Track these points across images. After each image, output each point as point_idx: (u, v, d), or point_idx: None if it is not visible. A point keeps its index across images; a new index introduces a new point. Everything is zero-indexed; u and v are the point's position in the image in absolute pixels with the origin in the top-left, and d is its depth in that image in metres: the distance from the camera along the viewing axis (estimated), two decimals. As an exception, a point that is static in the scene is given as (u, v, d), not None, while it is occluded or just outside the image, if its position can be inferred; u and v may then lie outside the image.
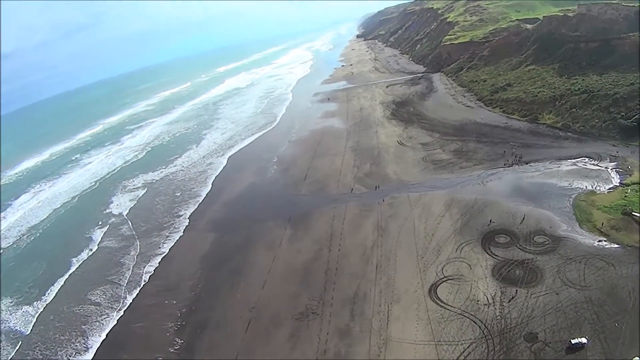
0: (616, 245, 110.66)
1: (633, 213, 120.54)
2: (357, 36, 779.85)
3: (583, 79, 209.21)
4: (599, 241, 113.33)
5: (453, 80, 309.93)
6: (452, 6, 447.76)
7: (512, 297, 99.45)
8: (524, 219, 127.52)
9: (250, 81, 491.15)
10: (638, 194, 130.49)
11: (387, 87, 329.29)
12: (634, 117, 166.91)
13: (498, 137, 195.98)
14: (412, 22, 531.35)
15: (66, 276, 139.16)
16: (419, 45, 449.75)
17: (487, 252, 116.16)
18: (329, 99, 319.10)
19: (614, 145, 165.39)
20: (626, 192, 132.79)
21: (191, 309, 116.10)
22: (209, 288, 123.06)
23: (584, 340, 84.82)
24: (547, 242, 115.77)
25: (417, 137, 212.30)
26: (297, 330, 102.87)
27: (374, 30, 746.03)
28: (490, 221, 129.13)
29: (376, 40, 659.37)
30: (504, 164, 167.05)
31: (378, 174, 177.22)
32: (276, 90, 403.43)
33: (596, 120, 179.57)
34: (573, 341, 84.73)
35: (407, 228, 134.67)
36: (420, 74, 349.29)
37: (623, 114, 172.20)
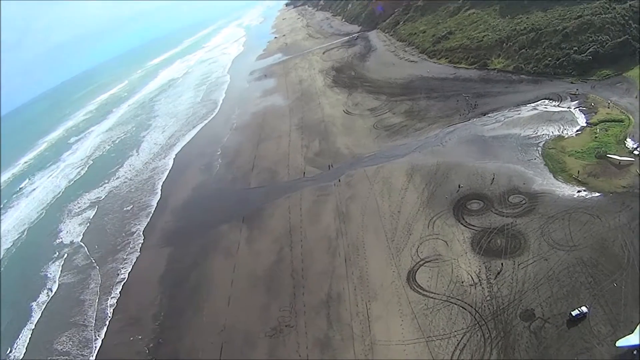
0: (597, 194, 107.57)
1: (608, 155, 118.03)
2: (287, 4, 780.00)
3: (528, 17, 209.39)
4: (579, 192, 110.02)
5: (391, 35, 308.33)
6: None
7: (499, 272, 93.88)
8: (494, 178, 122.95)
9: (185, 69, 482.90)
10: (608, 132, 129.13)
11: (323, 53, 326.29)
12: (588, 51, 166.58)
13: (449, 90, 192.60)
14: None
15: (30, 326, 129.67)
16: (350, 5, 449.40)
17: (461, 223, 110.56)
18: (265, 75, 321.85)
19: (572, 83, 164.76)
20: (595, 133, 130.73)
21: (158, 342, 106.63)
22: (172, 314, 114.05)
23: (584, 309, 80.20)
24: (523, 202, 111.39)
25: (364, 103, 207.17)
26: (273, 349, 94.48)
27: None
28: (459, 186, 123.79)
29: (306, 6, 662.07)
30: (461, 119, 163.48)
31: (329, 150, 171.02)
32: (212, 75, 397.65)
33: (549, 59, 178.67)
34: (573, 313, 79.96)
35: (370, 209, 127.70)
36: (356, 34, 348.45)
37: (576, 48, 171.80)
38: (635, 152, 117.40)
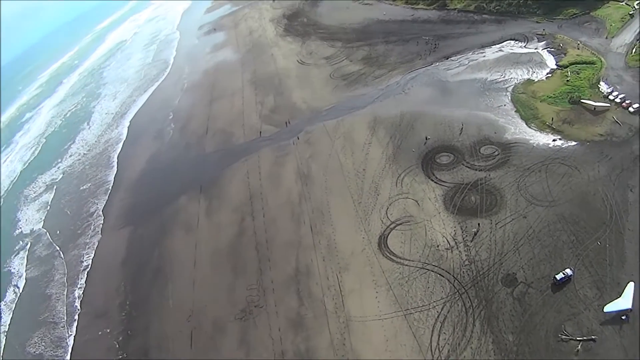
0: (573, 143, 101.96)
1: (582, 100, 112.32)
2: None
3: None
4: (554, 141, 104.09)
5: None
6: None
7: (476, 233, 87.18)
8: (462, 128, 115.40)
9: (134, 29, 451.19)
10: (580, 75, 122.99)
11: (273, 0, 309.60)
12: None
13: (408, 33, 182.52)
14: None
15: (4, 329, 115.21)
16: None
17: (432, 180, 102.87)
18: (215, 29, 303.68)
19: (537, 22, 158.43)
20: (566, 75, 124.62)
21: (127, 334, 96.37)
22: (138, 302, 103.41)
23: (568, 271, 74.77)
24: (496, 153, 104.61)
25: (318, 51, 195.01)
26: (245, 333, 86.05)
27: None
28: (426, 138, 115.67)
29: None
30: (422, 63, 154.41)
31: (285, 106, 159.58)
32: (162, 33, 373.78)
33: None
34: (558, 276, 74.42)
35: (333, 168, 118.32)
36: None
37: None
38: (611, 97, 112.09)
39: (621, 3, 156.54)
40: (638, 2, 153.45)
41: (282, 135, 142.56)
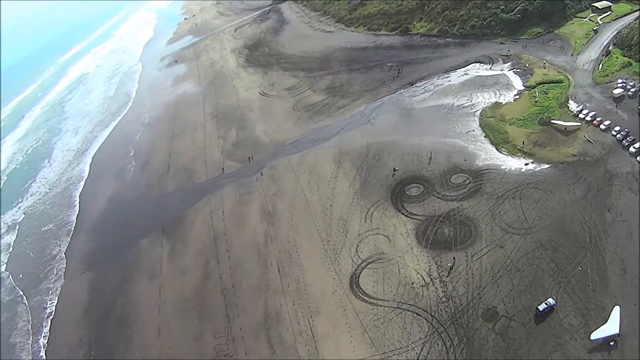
0: (546, 166, 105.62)
1: (552, 121, 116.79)
2: None
3: None
4: (526, 164, 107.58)
5: (304, 6, 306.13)
6: None
7: (451, 267, 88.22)
8: (431, 157, 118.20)
9: (97, 61, 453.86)
10: (548, 95, 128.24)
11: (235, 30, 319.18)
12: (517, 9, 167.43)
13: (371, 60, 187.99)
14: None
15: None
16: None
17: (402, 213, 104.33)
18: (176, 60, 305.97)
19: (502, 43, 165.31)
20: (534, 96, 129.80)
21: None
22: (103, 354, 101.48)
23: (551, 301, 76.28)
24: (467, 181, 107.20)
25: (280, 82, 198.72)
26: None
27: None
28: (394, 170, 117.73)
29: None
30: (387, 91, 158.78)
31: (247, 140, 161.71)
32: (124, 65, 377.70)
33: (475, 20, 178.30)
34: (540, 307, 75.71)
35: (299, 205, 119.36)
36: (268, 8, 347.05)
37: (503, 7, 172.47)
38: (581, 116, 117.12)
39: (585, 20, 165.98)
40: (601, 17, 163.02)
41: (245, 172, 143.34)
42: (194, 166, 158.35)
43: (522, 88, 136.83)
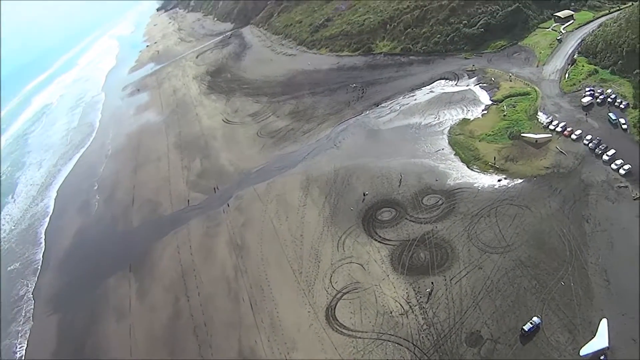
0: (520, 180, 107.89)
1: (523, 135, 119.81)
2: (157, 9, 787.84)
3: None
4: (499, 181, 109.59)
5: (266, 30, 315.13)
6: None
7: (430, 293, 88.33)
8: (401, 179, 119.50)
9: (60, 91, 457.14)
10: (516, 108, 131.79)
11: (197, 57, 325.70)
12: (479, 23, 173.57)
13: (334, 82, 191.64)
14: None
15: None
16: (221, 3, 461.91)
17: (375, 239, 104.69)
18: (138, 89, 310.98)
19: (466, 58, 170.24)
20: (502, 110, 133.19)
21: None
22: None
23: (536, 319, 76.91)
24: (440, 202, 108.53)
25: (244, 108, 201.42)
26: None
27: None
28: (364, 195, 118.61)
29: (177, 9, 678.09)
30: (352, 113, 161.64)
31: (212, 169, 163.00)
32: (87, 94, 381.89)
33: (438, 36, 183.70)
34: (525, 327, 76.24)
35: (268, 236, 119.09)
36: (229, 33, 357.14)
37: (465, 22, 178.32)
38: (551, 127, 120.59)
39: (548, 30, 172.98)
40: (564, 27, 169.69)
41: (211, 203, 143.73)
42: (158, 198, 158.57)
43: (490, 102, 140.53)
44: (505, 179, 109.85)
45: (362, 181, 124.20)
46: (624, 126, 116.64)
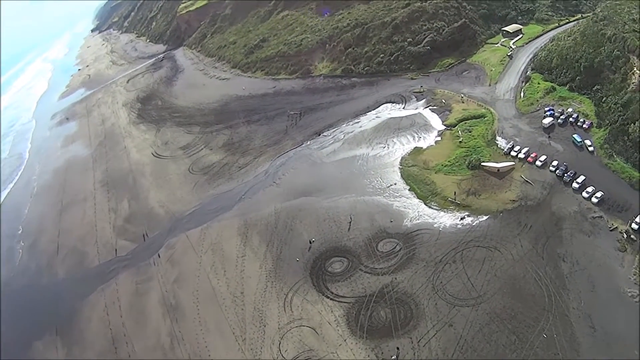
0: (485, 217, 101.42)
1: (483, 164, 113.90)
2: (92, 30, 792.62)
3: (349, 12, 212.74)
4: (462, 219, 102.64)
5: (199, 51, 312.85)
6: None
7: (396, 359, 79.38)
8: (351, 221, 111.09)
9: None
10: (472, 133, 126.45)
11: (127, 82, 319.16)
12: (425, 40, 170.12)
13: (272, 109, 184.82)
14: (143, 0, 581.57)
15: None
16: (154, 23, 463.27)
17: (326, 296, 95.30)
18: (67, 118, 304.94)
19: (412, 79, 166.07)
20: (458, 136, 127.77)
21: None
22: None
23: None
24: (397, 247, 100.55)
25: (175, 140, 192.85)
26: None
27: (107, 19, 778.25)
28: (310, 242, 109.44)
29: (111, 30, 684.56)
30: (292, 144, 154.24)
31: (141, 212, 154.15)
32: (18, 121, 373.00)
33: (381, 55, 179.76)
34: None
35: (204, 294, 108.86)
36: (162, 55, 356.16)
37: (410, 39, 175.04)
38: (513, 153, 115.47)
39: (497, 45, 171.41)
40: (514, 41, 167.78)
41: (140, 253, 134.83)
42: (84, 247, 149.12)
43: (443, 128, 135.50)
44: (468, 216, 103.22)
45: (306, 225, 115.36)
46: (590, 148, 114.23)
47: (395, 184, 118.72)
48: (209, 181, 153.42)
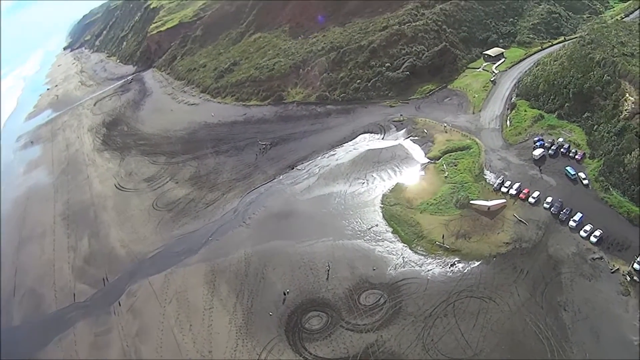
0: (477, 263, 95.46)
1: (472, 202, 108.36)
2: (64, 48, 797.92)
3: (324, 35, 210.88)
4: (451, 265, 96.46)
5: (168, 74, 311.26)
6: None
7: None
8: (329, 269, 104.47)
9: None
10: (458, 167, 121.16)
11: (95, 104, 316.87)
12: (404, 65, 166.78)
13: (241, 138, 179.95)
14: (116, 18, 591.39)
15: None
16: (125, 43, 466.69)
17: (305, 358, 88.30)
18: (32, 142, 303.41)
19: (391, 106, 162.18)
20: (442, 170, 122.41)
21: None
22: None
23: None
24: (382, 300, 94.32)
25: (139, 170, 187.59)
26: None
27: (80, 37, 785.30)
28: (285, 294, 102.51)
29: (83, 48, 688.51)
30: (263, 177, 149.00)
31: (101, 252, 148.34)
32: None
33: (358, 81, 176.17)
34: None
35: (169, 351, 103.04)
36: (131, 77, 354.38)
37: (389, 64, 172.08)
38: (504, 189, 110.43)
39: (478, 70, 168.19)
40: (496, 66, 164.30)
41: (100, 300, 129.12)
42: (42, 289, 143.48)
43: (426, 161, 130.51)
44: (458, 262, 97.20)
45: (280, 273, 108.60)
46: (585, 181, 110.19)
47: (376, 225, 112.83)
48: (174, 219, 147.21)
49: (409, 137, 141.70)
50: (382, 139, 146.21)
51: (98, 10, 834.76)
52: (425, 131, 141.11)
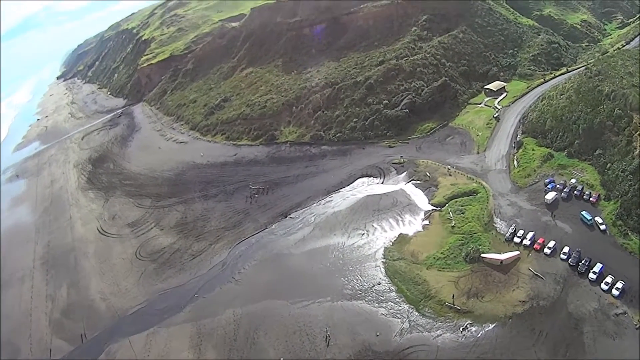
0: (491, 326, 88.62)
1: (483, 255, 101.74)
2: (57, 77, 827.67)
3: (318, 70, 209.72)
4: (463, 329, 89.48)
5: (157, 109, 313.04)
6: (148, 22, 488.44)
7: None
8: (328, 335, 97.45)
9: None
10: (465, 215, 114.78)
11: (82, 138, 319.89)
12: (402, 102, 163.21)
13: (231, 181, 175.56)
14: (109, 50, 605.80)
15: None
16: (116, 75, 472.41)
17: None
18: (17, 175, 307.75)
19: (390, 147, 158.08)
20: (449, 218, 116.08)
21: None
22: None
23: None
24: None
25: (123, 213, 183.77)
26: None
27: (74, 66, 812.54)
28: None
29: (75, 78, 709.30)
30: (254, 226, 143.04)
31: (81, 304, 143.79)
32: None
33: (355, 120, 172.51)
34: None
35: None
36: (120, 110, 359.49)
37: (386, 102, 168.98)
38: (516, 239, 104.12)
39: (480, 105, 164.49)
40: (498, 101, 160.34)
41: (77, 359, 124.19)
42: (17, 341, 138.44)
43: (430, 208, 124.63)
44: (471, 325, 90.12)
45: (273, 339, 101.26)
46: (602, 226, 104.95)
47: (379, 283, 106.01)
48: (158, 271, 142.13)
49: (410, 181, 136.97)
50: (382, 183, 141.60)
51: (92, 40, 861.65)
52: (428, 174, 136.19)
